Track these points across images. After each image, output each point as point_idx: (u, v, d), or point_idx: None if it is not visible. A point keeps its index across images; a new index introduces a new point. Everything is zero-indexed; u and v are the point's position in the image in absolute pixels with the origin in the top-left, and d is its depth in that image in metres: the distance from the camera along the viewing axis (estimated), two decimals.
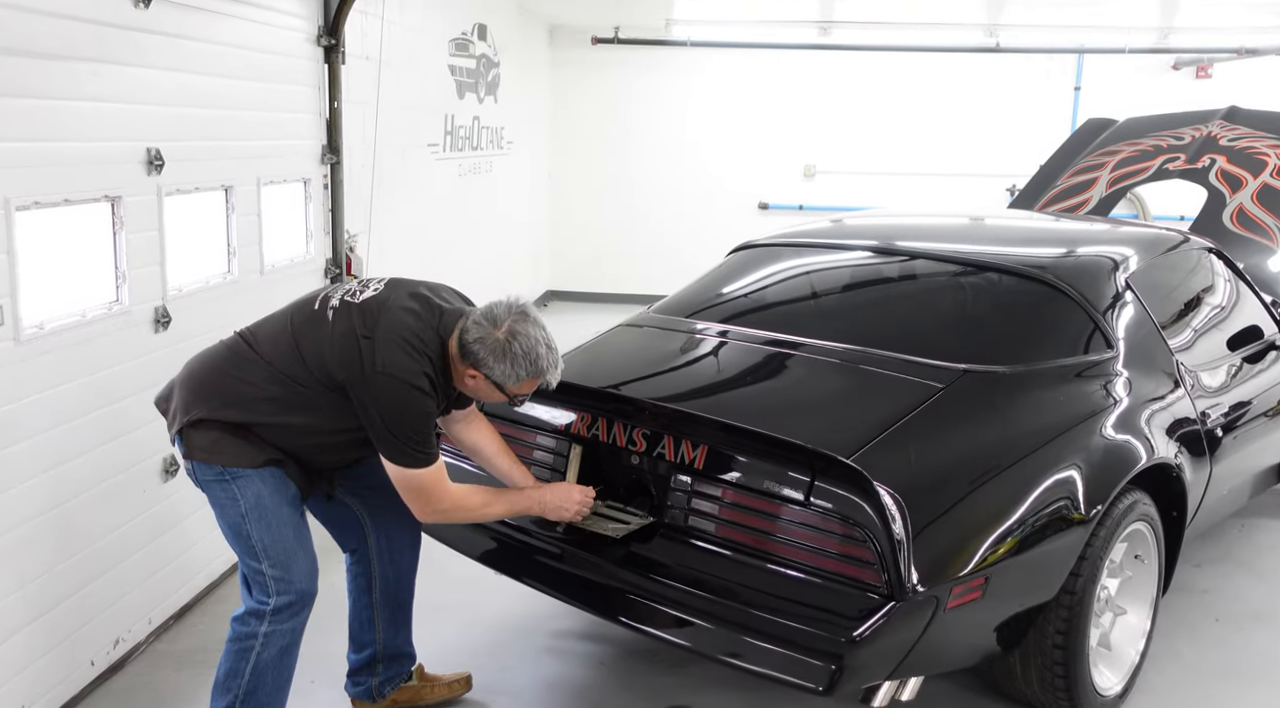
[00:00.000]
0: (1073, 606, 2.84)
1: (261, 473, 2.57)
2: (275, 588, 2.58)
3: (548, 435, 3.05)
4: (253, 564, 2.59)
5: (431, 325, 2.58)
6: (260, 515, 2.56)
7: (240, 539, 2.59)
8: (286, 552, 2.59)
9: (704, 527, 2.70)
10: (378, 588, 2.96)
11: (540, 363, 2.56)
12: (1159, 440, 3.12)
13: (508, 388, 2.58)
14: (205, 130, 3.59)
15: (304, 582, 2.62)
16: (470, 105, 7.35)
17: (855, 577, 2.44)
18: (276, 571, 2.58)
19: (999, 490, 2.67)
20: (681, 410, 2.85)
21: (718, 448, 2.71)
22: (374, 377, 2.47)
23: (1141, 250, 3.76)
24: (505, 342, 2.52)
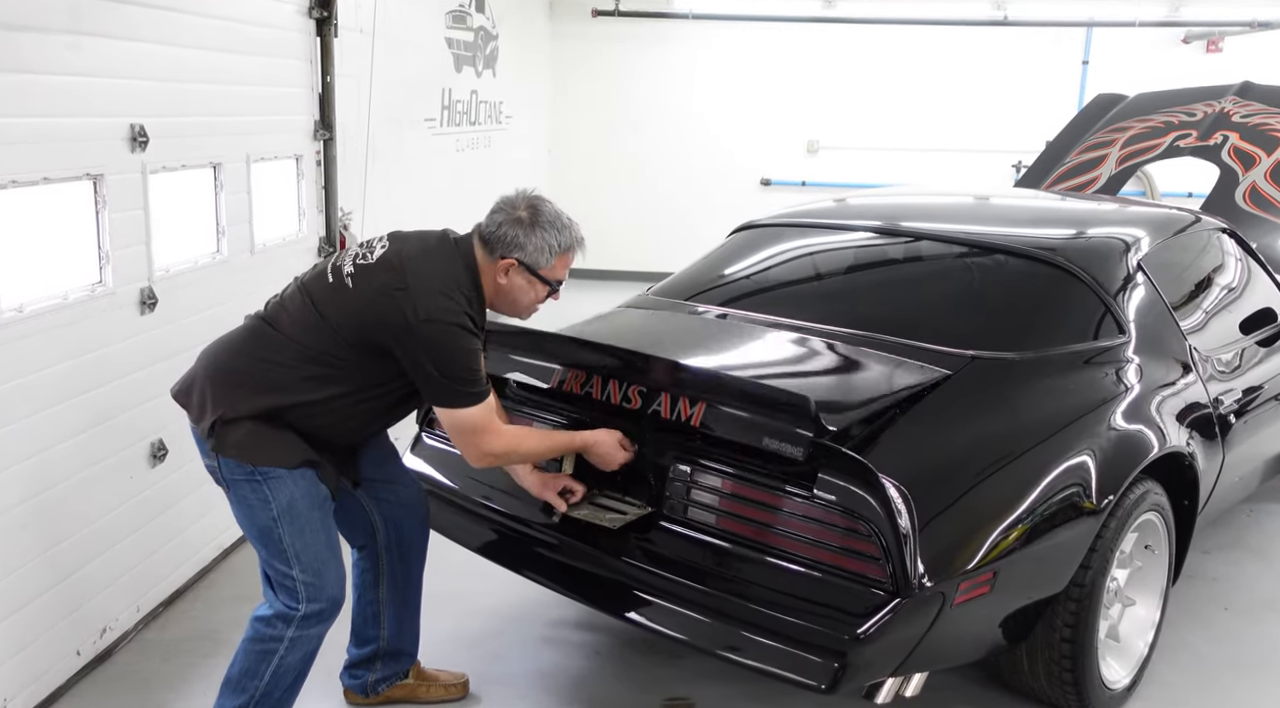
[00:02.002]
0: (1082, 598, 2.76)
1: (294, 475, 2.47)
2: (306, 594, 2.51)
3: (543, 423, 2.97)
4: (281, 568, 2.50)
5: (453, 258, 2.54)
6: (293, 520, 2.47)
7: (270, 543, 2.49)
8: (319, 558, 2.51)
9: (703, 518, 2.62)
10: (385, 585, 2.88)
11: (568, 231, 2.59)
12: (1171, 428, 3.04)
13: (542, 270, 2.56)
14: (192, 106, 3.48)
15: (335, 589, 2.56)
16: (468, 79, 7.23)
17: (859, 572, 2.36)
18: (308, 576, 2.50)
19: (1008, 481, 2.59)
20: (677, 362, 2.76)
21: (716, 405, 2.60)
22: (419, 326, 2.41)
23: (1153, 231, 3.66)
24: (529, 217, 2.55)
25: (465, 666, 3.14)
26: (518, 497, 2.93)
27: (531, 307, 2.67)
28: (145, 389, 3.24)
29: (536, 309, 2.70)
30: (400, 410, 2.67)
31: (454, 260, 2.53)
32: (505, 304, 2.64)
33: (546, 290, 2.63)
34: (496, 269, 2.56)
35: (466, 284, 2.51)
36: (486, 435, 2.53)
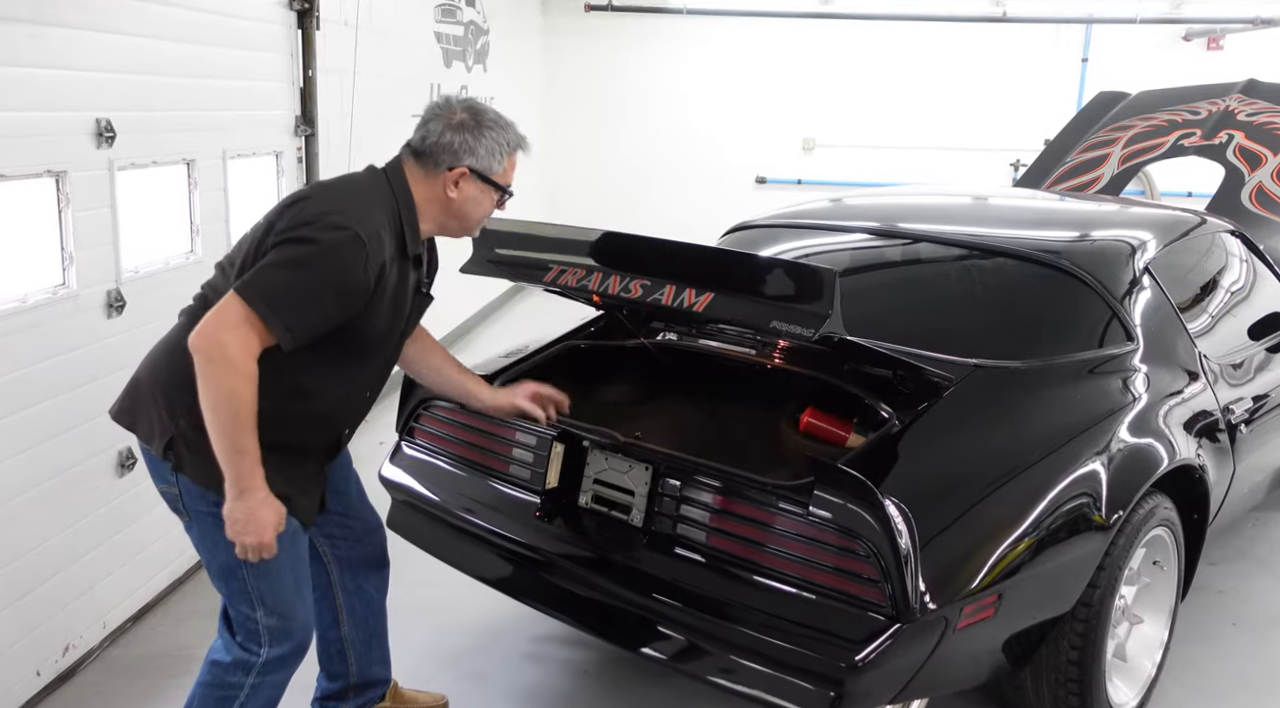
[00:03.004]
0: (1089, 619, 2.64)
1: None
2: (269, 638, 2.29)
3: (527, 433, 2.84)
4: (244, 610, 2.28)
5: (377, 184, 2.27)
6: (259, 561, 2.23)
7: (232, 582, 2.26)
8: (286, 601, 2.30)
9: (695, 537, 2.50)
10: (346, 623, 2.70)
11: (512, 129, 2.34)
12: (1181, 440, 2.91)
13: (494, 175, 2.32)
14: (163, 100, 3.35)
15: (302, 633, 2.35)
16: (458, 74, 7.09)
17: (857, 594, 2.24)
18: (273, 620, 2.29)
19: (1013, 498, 2.46)
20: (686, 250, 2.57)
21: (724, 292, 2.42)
22: (296, 227, 2.11)
23: (1160, 233, 3.54)
24: (472, 119, 2.28)
25: (445, 684, 3.01)
26: (503, 512, 2.80)
27: (482, 220, 2.41)
28: (111, 395, 3.07)
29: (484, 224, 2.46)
30: (362, 374, 2.35)
31: (377, 186, 2.26)
32: (455, 221, 2.36)
33: (498, 198, 2.37)
34: (443, 183, 2.29)
35: (385, 213, 2.22)
36: (235, 339, 2.04)
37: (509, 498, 2.82)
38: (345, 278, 2.12)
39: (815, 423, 2.98)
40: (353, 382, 2.36)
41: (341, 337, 2.21)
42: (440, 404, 3.02)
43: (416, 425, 3.10)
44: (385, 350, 2.41)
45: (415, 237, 2.32)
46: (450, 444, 3.01)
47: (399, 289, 2.32)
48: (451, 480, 2.96)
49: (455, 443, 3.00)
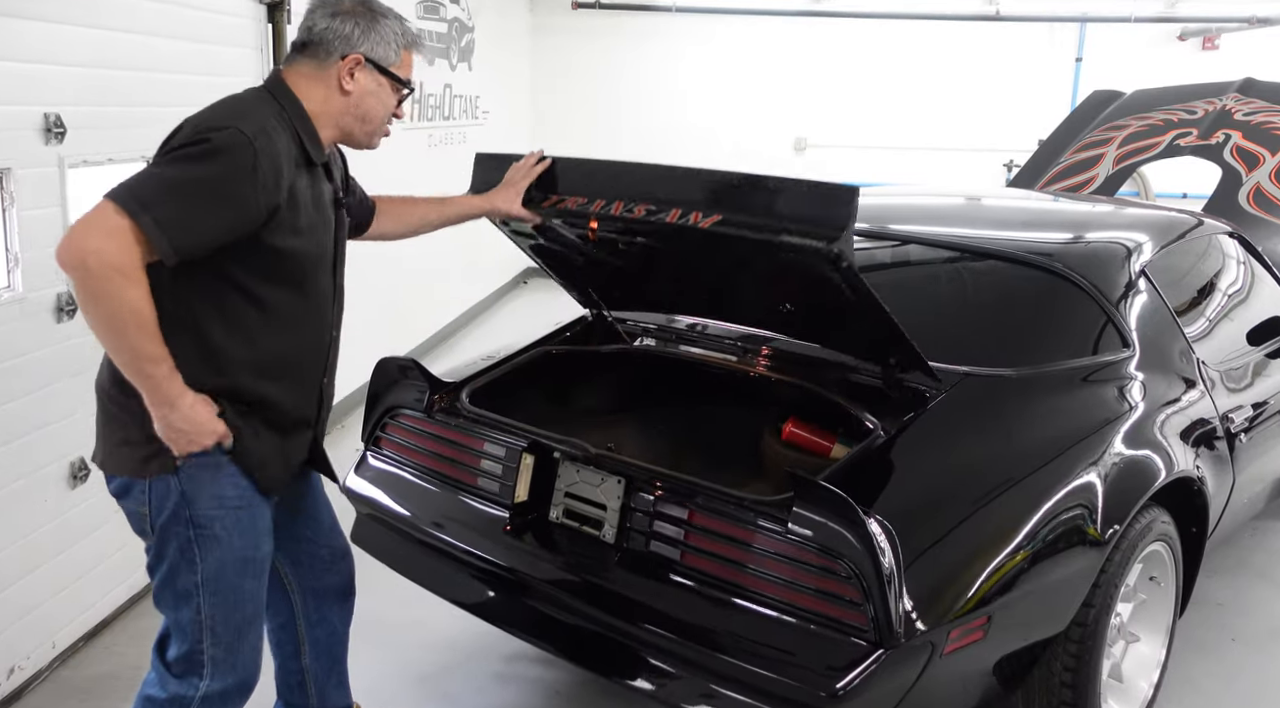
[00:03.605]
0: (1084, 639, 2.51)
1: (237, 521, 2.09)
2: (211, 669, 2.13)
3: (495, 444, 2.70)
4: (190, 638, 2.11)
5: (258, 95, 2.09)
6: (218, 588, 2.10)
7: (184, 609, 2.10)
8: (237, 631, 2.15)
9: (669, 555, 2.36)
10: (308, 654, 2.55)
11: (404, 20, 2.20)
12: (1179, 451, 2.79)
13: (392, 66, 2.14)
14: (120, 95, 3.21)
15: (247, 669, 2.19)
16: (441, 72, 6.95)
17: (838, 618, 2.10)
18: (218, 650, 2.13)
19: (1003, 513, 2.33)
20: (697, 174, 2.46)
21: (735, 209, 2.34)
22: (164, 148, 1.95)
23: (1156, 235, 3.41)
24: (362, 6, 2.13)
25: (412, 705, 2.88)
26: (470, 527, 2.67)
27: (385, 120, 2.20)
28: (63, 403, 2.97)
29: (387, 131, 2.25)
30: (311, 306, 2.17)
31: (259, 97, 2.07)
32: (355, 122, 2.16)
33: (397, 96, 2.18)
34: (337, 74, 2.09)
35: (275, 119, 2.02)
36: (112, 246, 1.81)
37: (477, 512, 2.69)
38: (232, 179, 1.91)
39: (798, 433, 2.86)
40: (306, 315, 2.17)
41: (271, 261, 2.04)
42: (407, 413, 2.89)
43: (382, 435, 2.97)
44: (325, 276, 2.21)
45: (316, 142, 2.12)
46: (417, 455, 2.87)
47: (316, 203, 2.14)
48: (418, 493, 2.82)
49: (422, 453, 2.86)
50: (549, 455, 2.62)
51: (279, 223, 2.01)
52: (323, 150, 2.15)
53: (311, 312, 2.18)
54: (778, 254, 2.33)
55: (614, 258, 2.91)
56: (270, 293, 2.07)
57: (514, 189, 2.66)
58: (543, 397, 3.08)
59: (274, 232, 2.01)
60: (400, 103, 2.22)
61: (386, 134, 2.26)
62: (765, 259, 2.50)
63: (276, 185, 1.97)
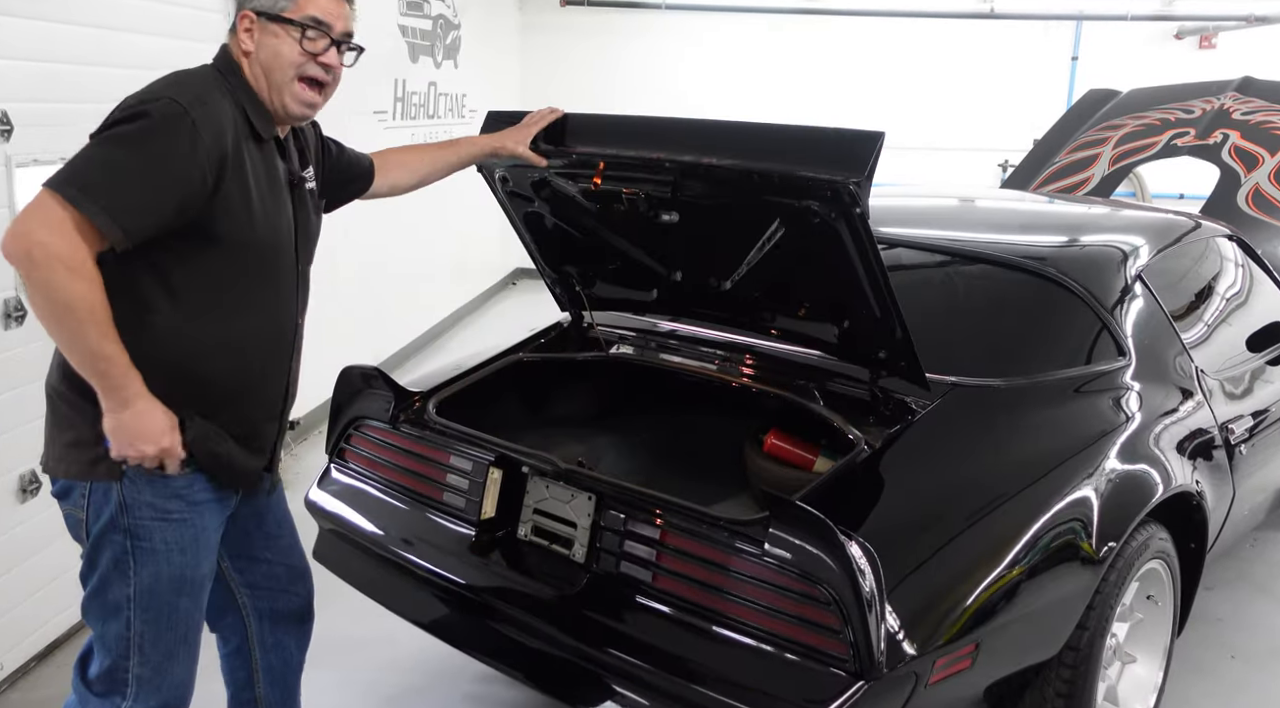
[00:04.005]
0: (1077, 663, 2.40)
1: (179, 534, 1.97)
2: (135, 690, 2.01)
3: (462, 457, 2.58)
4: (115, 655, 2.00)
5: (198, 68, 1.99)
6: (150, 604, 1.98)
7: (113, 623, 1.98)
8: (166, 652, 2.02)
9: (640, 577, 2.23)
10: (262, 682, 2.41)
11: None
12: (1177, 465, 2.67)
13: (286, 12, 1.96)
14: (76, 91, 3.08)
15: (172, 693, 2.06)
16: (425, 70, 6.83)
17: (817, 646, 1.98)
18: (145, 670, 2.01)
19: (993, 532, 2.20)
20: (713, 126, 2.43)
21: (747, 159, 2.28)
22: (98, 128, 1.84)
23: (1153, 238, 3.30)
24: None
25: None
26: (435, 545, 2.55)
27: (304, 68, 1.98)
28: (11, 415, 2.84)
29: (328, 79, 2.02)
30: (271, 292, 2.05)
31: (200, 70, 1.98)
32: (275, 82, 1.98)
33: (300, 42, 1.96)
34: (242, 40, 1.98)
35: (218, 92, 1.92)
36: (58, 237, 1.72)
37: (442, 529, 2.56)
38: (172, 152, 1.80)
39: (779, 445, 2.75)
40: (264, 301, 2.05)
41: (222, 240, 1.92)
42: (372, 424, 2.77)
43: (347, 447, 2.84)
44: (285, 260, 2.08)
45: (262, 115, 1.99)
46: (381, 468, 2.75)
47: (269, 181, 2.02)
48: (382, 509, 2.70)
49: (386, 467, 2.74)
50: (517, 470, 2.50)
51: (227, 198, 1.90)
52: (271, 125, 2.03)
53: (270, 298, 2.07)
54: (790, 197, 2.23)
55: (610, 219, 2.75)
56: (225, 274, 1.96)
57: (525, 131, 2.58)
58: (514, 407, 2.96)
59: (222, 208, 1.90)
60: (315, 48, 1.98)
61: (311, 103, 2.03)
62: (773, 210, 2.36)
63: (220, 156, 1.87)
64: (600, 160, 2.53)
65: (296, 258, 2.13)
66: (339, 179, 2.38)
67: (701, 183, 2.42)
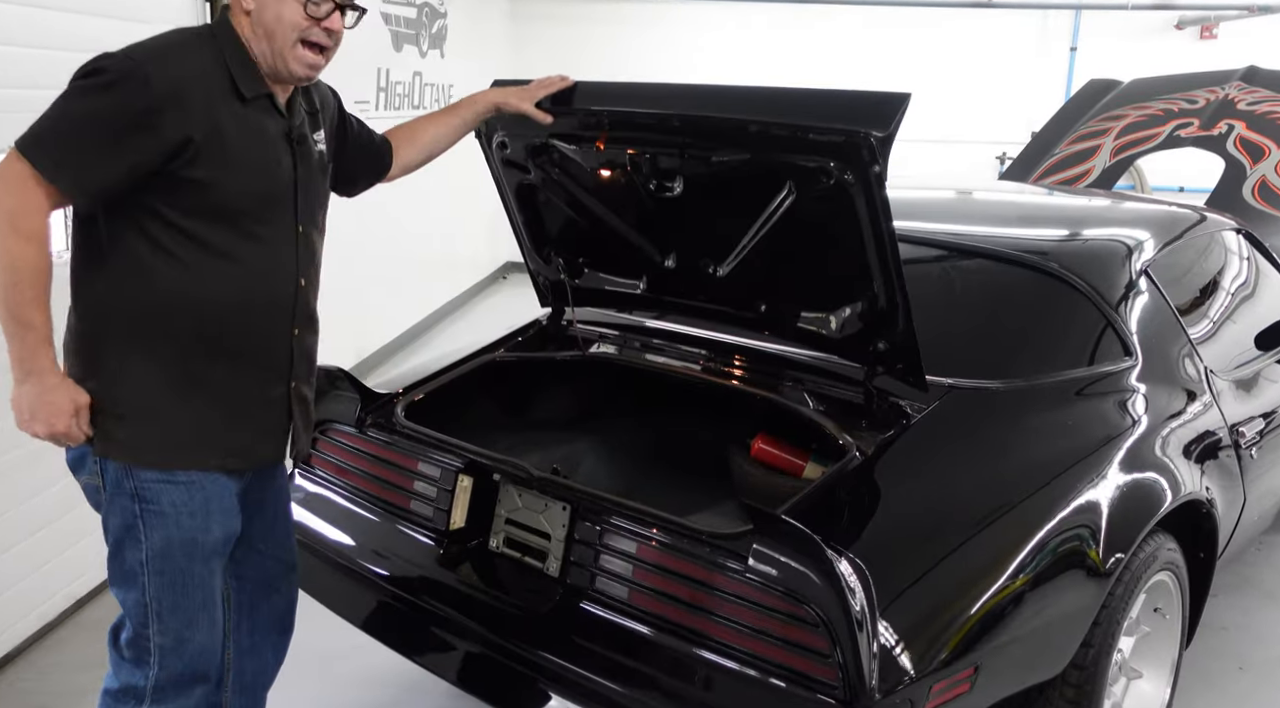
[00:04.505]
0: (1082, 683, 2.26)
1: (188, 500, 1.94)
2: (159, 658, 2.01)
3: (431, 464, 2.44)
4: (137, 623, 1.99)
5: (187, 28, 2.01)
6: (164, 569, 1.95)
7: (131, 590, 1.97)
8: (185, 619, 2.00)
9: (616, 593, 2.10)
10: (231, 686, 2.28)
11: None
12: (1187, 471, 2.53)
13: None
14: (33, 76, 2.92)
15: (198, 659, 2.04)
16: (410, 59, 6.67)
17: (803, 672, 1.84)
18: (166, 639, 1.99)
19: (993, 547, 2.07)
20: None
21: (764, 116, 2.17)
22: None
23: (1159, 232, 3.15)
24: None
25: None
26: (402, 557, 2.41)
27: (307, 32, 1.92)
28: None
29: (329, 43, 1.96)
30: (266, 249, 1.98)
31: (193, 29, 2.00)
32: (278, 46, 1.92)
33: (309, 2, 1.91)
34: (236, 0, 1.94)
35: (199, 51, 1.88)
36: (6, 191, 1.76)
37: (410, 541, 2.43)
38: (125, 108, 1.78)
39: (767, 450, 2.61)
40: (255, 259, 1.96)
41: (199, 197, 1.87)
42: (340, 429, 2.63)
43: (312, 451, 2.70)
44: (281, 217, 2.01)
45: (248, 73, 1.92)
46: (347, 474, 2.61)
47: (257, 137, 1.94)
48: (348, 517, 2.56)
49: (352, 473, 2.60)
50: (489, 478, 2.36)
51: (200, 154, 1.85)
52: (258, 83, 1.94)
53: (263, 255, 1.98)
54: (805, 154, 2.12)
55: (607, 193, 2.62)
56: (210, 232, 1.90)
57: (532, 91, 2.48)
58: (489, 410, 2.82)
59: (195, 165, 1.85)
60: (318, 12, 1.92)
61: (313, 64, 1.97)
62: (784, 172, 2.23)
63: (180, 112, 1.81)
64: (608, 117, 2.40)
65: (296, 217, 2.04)
66: (360, 155, 2.33)
67: (712, 143, 2.29)
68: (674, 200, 2.47)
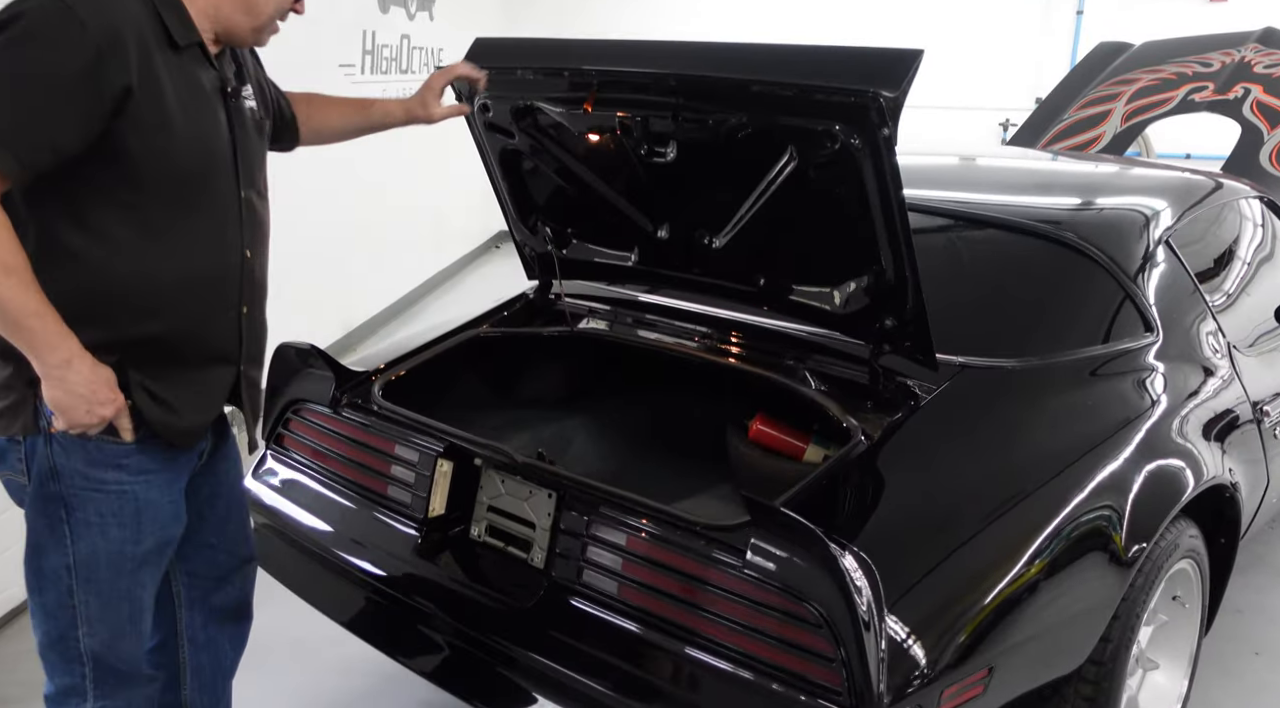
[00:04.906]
0: (1100, 678, 2.13)
1: (120, 505, 1.79)
2: (91, 661, 1.88)
3: (408, 447, 2.29)
4: (61, 625, 1.85)
5: None
6: (90, 578, 1.81)
7: (53, 591, 1.83)
8: (113, 630, 1.87)
9: (605, 588, 1.96)
10: (190, 684, 2.18)
11: None
12: (1210, 454, 2.39)
13: None
14: None
15: (128, 663, 1.91)
16: (397, 21, 6.46)
17: (805, 676, 1.71)
18: (94, 643, 1.86)
19: (1008, 538, 1.92)
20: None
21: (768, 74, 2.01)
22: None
23: (1177, 199, 3.00)
24: None
25: None
26: (378, 545, 2.27)
27: (276, 14, 1.84)
28: None
29: (277, 28, 1.89)
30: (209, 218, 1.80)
31: None
32: (241, 12, 1.80)
33: None
34: None
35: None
36: None
37: (387, 528, 2.28)
38: (59, 58, 1.57)
39: (766, 432, 2.46)
40: (196, 232, 1.79)
41: (134, 165, 1.68)
42: (313, 408, 2.48)
43: (285, 432, 2.55)
44: (222, 184, 1.83)
45: (181, 20, 1.73)
46: (321, 457, 2.47)
47: (191, 92, 1.75)
48: (321, 503, 2.42)
49: (327, 456, 2.45)
50: (470, 462, 2.22)
51: (140, 110, 1.65)
52: (191, 29, 1.76)
53: (205, 227, 1.81)
54: (809, 116, 1.96)
55: (596, 158, 2.45)
56: (146, 202, 1.71)
57: (429, 93, 2.29)
58: (472, 389, 2.68)
59: (134, 125, 1.65)
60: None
61: (276, 31, 1.90)
62: (786, 136, 2.07)
63: (120, 56, 1.61)
64: (596, 77, 2.21)
65: (237, 182, 1.87)
66: (275, 114, 2.12)
67: (709, 104, 2.11)
68: (667, 167, 2.31)
